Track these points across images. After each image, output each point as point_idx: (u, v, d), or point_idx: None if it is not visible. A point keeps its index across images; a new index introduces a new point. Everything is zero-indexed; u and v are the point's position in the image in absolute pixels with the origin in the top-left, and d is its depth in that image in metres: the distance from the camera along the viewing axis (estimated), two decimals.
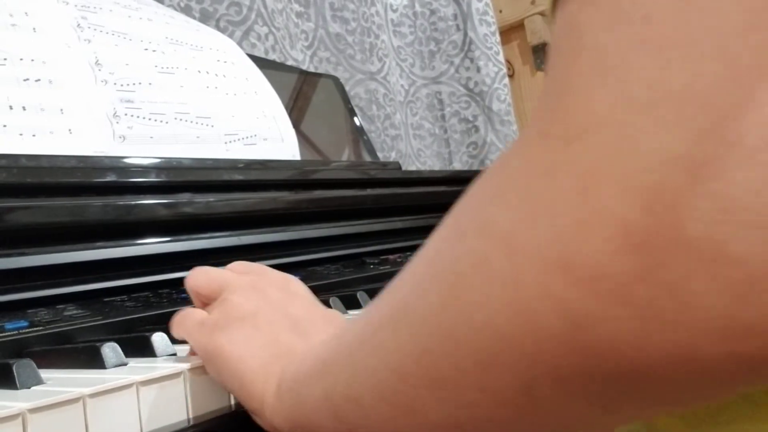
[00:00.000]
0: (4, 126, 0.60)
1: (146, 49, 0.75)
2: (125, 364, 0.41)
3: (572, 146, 0.20)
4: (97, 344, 0.41)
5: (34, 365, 0.38)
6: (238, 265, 0.46)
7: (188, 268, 0.46)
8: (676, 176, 0.18)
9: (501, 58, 1.66)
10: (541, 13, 1.89)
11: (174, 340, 0.43)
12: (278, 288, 0.43)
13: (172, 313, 0.44)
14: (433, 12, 1.65)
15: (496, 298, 0.21)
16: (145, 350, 0.43)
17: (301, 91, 1.07)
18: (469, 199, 0.24)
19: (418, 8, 1.64)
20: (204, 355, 0.39)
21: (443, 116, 1.64)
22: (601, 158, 0.19)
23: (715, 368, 0.19)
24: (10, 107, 0.61)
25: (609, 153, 0.19)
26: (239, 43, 1.05)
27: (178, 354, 0.43)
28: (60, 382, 0.37)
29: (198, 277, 0.44)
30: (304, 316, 0.41)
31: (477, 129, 1.63)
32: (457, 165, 1.63)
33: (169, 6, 0.98)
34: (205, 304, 0.43)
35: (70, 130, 0.64)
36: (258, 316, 0.39)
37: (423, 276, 0.26)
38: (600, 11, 0.20)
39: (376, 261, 0.76)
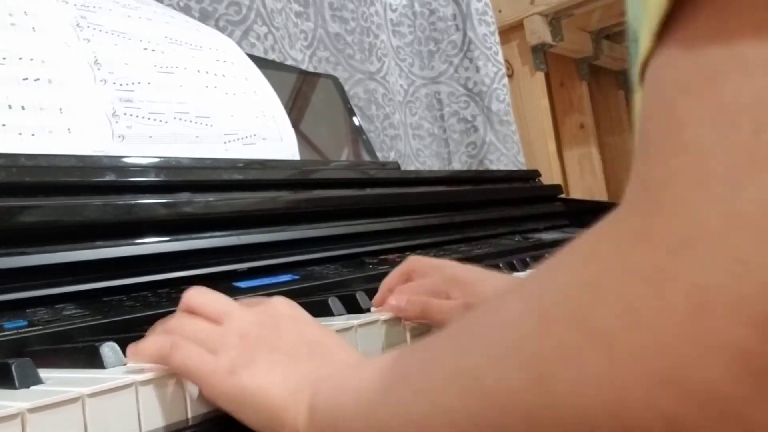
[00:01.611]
0: (4, 125, 0.60)
1: (145, 49, 0.75)
2: (124, 364, 0.41)
3: (679, 258, 0.19)
4: (97, 344, 0.41)
5: (33, 365, 0.38)
6: (242, 302, 0.45)
7: (187, 267, 0.46)
8: None
9: (500, 58, 1.66)
10: (541, 14, 1.89)
11: None
12: (286, 316, 0.42)
13: (171, 313, 0.44)
14: (432, 12, 1.65)
15: (590, 395, 0.21)
16: None
17: (300, 90, 1.07)
18: (555, 282, 0.24)
19: (417, 8, 1.64)
20: (224, 399, 0.38)
21: (442, 116, 1.64)
22: (713, 277, 0.19)
23: None
24: (10, 106, 0.61)
25: (721, 273, 0.18)
26: (239, 43, 1.05)
27: None
28: (59, 382, 0.37)
29: (200, 296, 0.43)
30: (319, 340, 0.41)
31: (476, 129, 1.63)
32: (456, 165, 1.63)
33: (168, 5, 0.98)
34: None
35: (69, 129, 0.64)
36: (275, 348, 0.39)
37: (498, 349, 0.26)
38: (702, 107, 0.20)
39: (375, 261, 0.76)
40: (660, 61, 0.21)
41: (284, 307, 0.44)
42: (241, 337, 0.40)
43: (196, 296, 0.44)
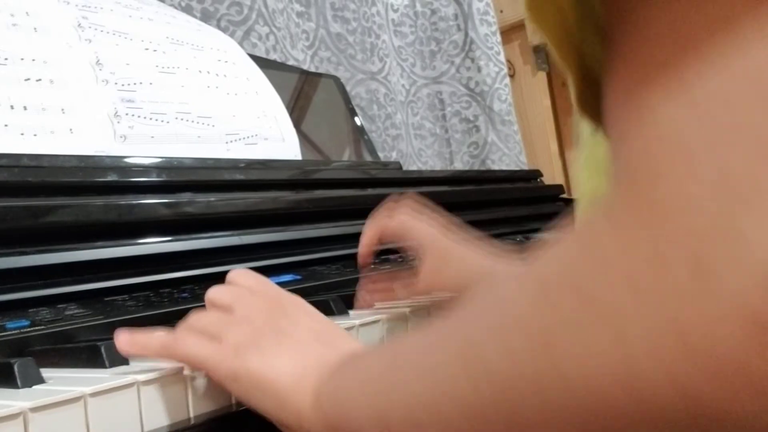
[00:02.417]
0: (6, 126, 0.60)
1: (147, 49, 0.75)
2: (126, 364, 0.41)
3: (678, 231, 0.20)
4: (99, 343, 0.41)
5: (36, 364, 0.38)
6: (248, 279, 0.46)
7: (189, 267, 0.46)
8: None
9: (502, 58, 1.66)
10: None
11: None
12: (292, 304, 0.44)
13: (173, 313, 0.44)
14: (433, 12, 1.65)
15: (599, 368, 0.22)
16: None
17: (302, 90, 1.07)
18: (557, 265, 0.25)
19: (419, 8, 1.64)
20: (228, 378, 0.38)
21: (444, 116, 1.64)
22: (714, 244, 0.19)
23: None
24: (12, 107, 0.61)
25: (721, 240, 0.19)
26: (240, 43, 1.05)
27: None
28: (61, 382, 0.37)
29: (215, 290, 0.44)
30: (324, 329, 0.42)
31: (478, 129, 1.63)
32: (458, 165, 1.63)
33: (170, 5, 0.98)
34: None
35: (71, 129, 0.64)
36: (282, 332, 0.40)
37: (502, 322, 0.26)
38: (678, 106, 0.21)
39: (377, 261, 0.76)
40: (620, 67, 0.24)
41: (291, 296, 0.45)
42: (249, 323, 0.40)
43: (212, 290, 0.45)
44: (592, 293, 0.22)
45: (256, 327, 0.40)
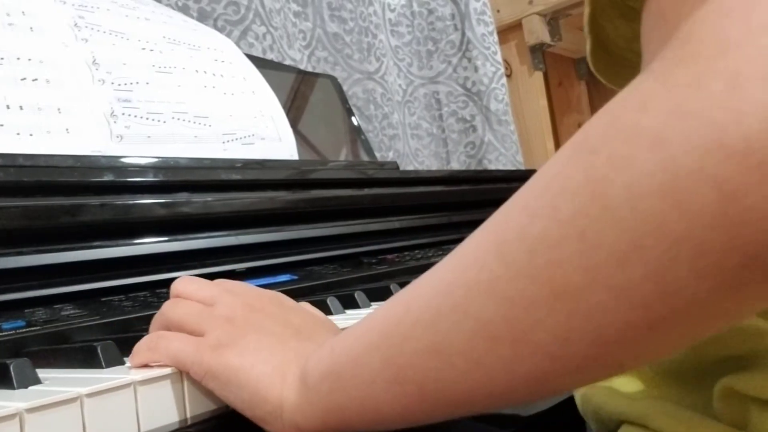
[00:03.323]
0: (1, 125, 0.60)
1: (144, 49, 0.75)
2: (123, 364, 0.41)
3: (717, 62, 0.23)
4: (95, 344, 0.41)
5: (32, 365, 0.38)
6: (226, 283, 0.45)
7: (186, 268, 0.46)
8: None
9: (499, 57, 1.66)
10: (539, 14, 1.89)
11: None
12: (272, 302, 0.43)
13: None
14: (430, 12, 1.65)
15: (644, 186, 0.23)
16: None
17: (298, 90, 1.07)
18: (596, 121, 0.26)
19: (415, 8, 1.64)
20: (209, 377, 0.38)
21: (441, 116, 1.64)
22: (746, 64, 0.22)
23: None
24: (8, 106, 0.61)
25: (752, 62, 0.22)
26: (237, 43, 1.05)
27: None
28: (57, 382, 0.37)
29: (188, 284, 0.44)
30: (305, 324, 0.41)
31: (474, 129, 1.63)
32: (455, 165, 1.63)
33: (166, 5, 0.98)
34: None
35: (67, 129, 0.64)
36: (262, 328, 0.40)
37: (544, 198, 0.26)
38: None
39: (373, 260, 0.76)
40: None
41: (271, 293, 0.44)
42: (228, 320, 0.40)
43: (186, 284, 0.44)
44: (639, 127, 0.24)
45: (235, 325, 0.40)
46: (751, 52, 0.23)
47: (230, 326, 0.40)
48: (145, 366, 0.39)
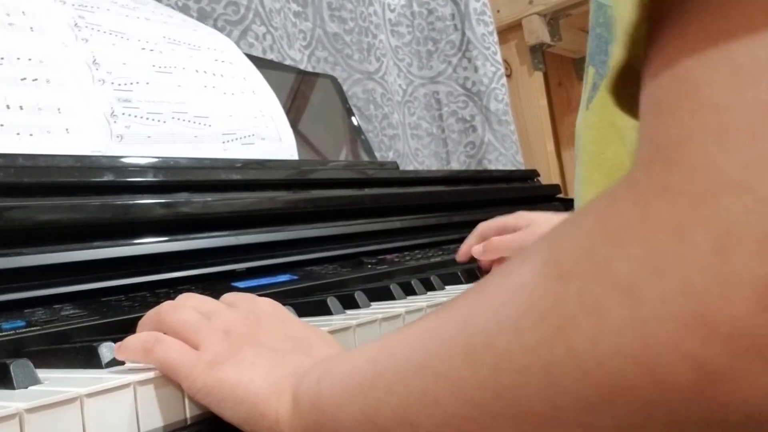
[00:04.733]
0: (2, 125, 0.60)
1: (144, 49, 0.75)
2: (123, 364, 0.41)
3: (702, 205, 0.20)
4: (95, 344, 0.41)
5: (31, 365, 0.38)
6: (227, 296, 0.45)
7: (186, 268, 0.46)
8: None
9: (499, 57, 1.66)
10: (539, 14, 1.89)
11: None
12: (270, 314, 0.43)
13: None
14: (430, 12, 1.65)
15: (613, 344, 0.21)
16: None
17: (298, 90, 1.07)
18: (570, 240, 0.24)
19: (415, 8, 1.64)
20: (203, 394, 0.38)
21: (441, 116, 1.64)
22: (737, 219, 0.19)
23: None
24: (8, 107, 0.61)
25: (744, 214, 0.19)
26: (237, 43, 1.05)
27: None
28: (57, 382, 0.37)
29: (190, 298, 0.43)
30: (303, 336, 0.41)
31: (474, 129, 1.63)
32: (455, 165, 1.63)
33: (166, 5, 0.98)
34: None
35: (67, 129, 0.64)
36: (259, 343, 0.39)
37: (510, 310, 0.25)
38: (717, 69, 0.21)
39: (373, 261, 0.76)
40: (664, 41, 0.22)
41: (268, 305, 0.44)
42: (226, 333, 0.40)
43: (188, 298, 0.44)
44: (612, 269, 0.21)
45: (232, 340, 0.39)
46: (749, 201, 0.19)
47: (227, 340, 0.39)
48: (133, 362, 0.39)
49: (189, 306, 0.42)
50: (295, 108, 1.03)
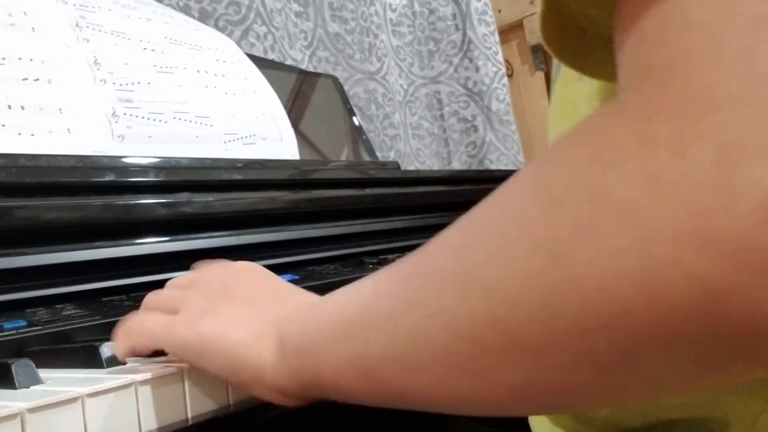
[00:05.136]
0: (3, 125, 0.60)
1: (145, 49, 0.75)
2: (124, 364, 0.41)
3: (705, 122, 0.19)
4: (96, 344, 0.41)
5: (33, 365, 0.38)
6: (202, 263, 0.46)
7: (187, 267, 0.46)
8: None
9: (500, 57, 1.66)
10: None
11: None
12: (247, 270, 0.43)
13: None
14: (432, 12, 1.65)
15: (613, 266, 0.21)
16: None
17: (300, 90, 1.07)
18: (562, 165, 0.23)
19: (417, 8, 1.64)
20: (182, 348, 0.38)
21: (442, 116, 1.64)
22: (738, 132, 0.19)
23: None
24: (9, 107, 0.61)
25: (746, 127, 0.19)
26: (238, 43, 1.05)
27: None
28: (59, 382, 0.37)
29: (162, 291, 0.44)
30: (282, 288, 0.41)
31: (476, 129, 1.63)
32: (456, 165, 1.63)
33: (168, 5, 0.98)
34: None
35: (68, 129, 0.64)
36: (236, 298, 0.39)
37: (501, 239, 0.24)
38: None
39: (374, 261, 0.76)
40: None
41: (244, 264, 0.44)
42: (203, 295, 0.40)
43: (168, 283, 0.45)
44: (607, 191, 0.21)
45: (208, 297, 0.39)
46: (750, 113, 0.19)
47: (204, 299, 0.39)
48: (130, 350, 0.40)
49: (168, 285, 0.44)
50: (296, 108, 1.03)
